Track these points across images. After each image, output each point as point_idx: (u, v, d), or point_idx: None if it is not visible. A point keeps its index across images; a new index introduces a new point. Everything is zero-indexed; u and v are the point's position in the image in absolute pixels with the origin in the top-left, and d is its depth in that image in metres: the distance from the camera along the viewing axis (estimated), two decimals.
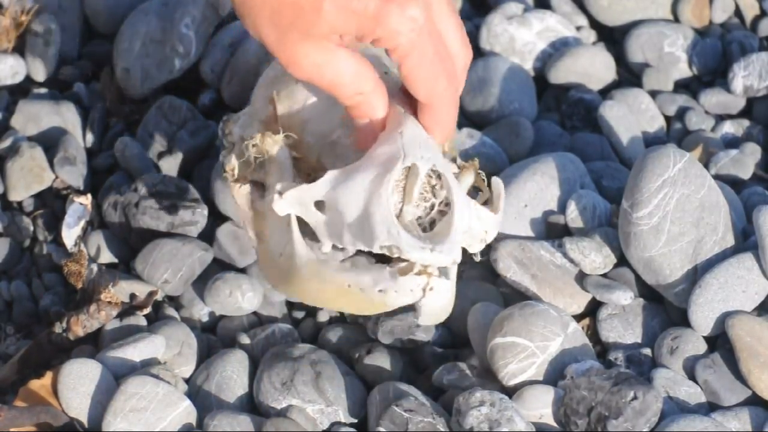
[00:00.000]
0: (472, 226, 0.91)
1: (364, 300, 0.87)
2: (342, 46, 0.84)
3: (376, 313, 0.92)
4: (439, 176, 0.88)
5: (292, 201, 0.88)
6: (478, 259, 0.95)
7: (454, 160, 0.93)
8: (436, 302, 0.87)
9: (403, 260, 0.87)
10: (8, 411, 0.98)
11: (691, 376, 1.01)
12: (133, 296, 1.07)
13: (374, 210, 0.85)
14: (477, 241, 0.92)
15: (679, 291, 1.04)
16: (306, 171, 0.93)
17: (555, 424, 0.97)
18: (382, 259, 0.89)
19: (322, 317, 1.10)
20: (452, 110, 0.89)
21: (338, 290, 0.88)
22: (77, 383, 1.00)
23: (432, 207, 0.89)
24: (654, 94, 1.26)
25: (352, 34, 0.83)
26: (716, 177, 1.13)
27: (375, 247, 0.86)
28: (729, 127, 1.24)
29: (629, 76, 1.30)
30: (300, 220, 0.89)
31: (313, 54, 0.83)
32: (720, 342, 1.03)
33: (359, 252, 0.89)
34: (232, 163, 0.94)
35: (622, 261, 1.07)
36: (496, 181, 0.93)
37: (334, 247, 0.89)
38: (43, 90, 1.26)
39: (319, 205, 0.88)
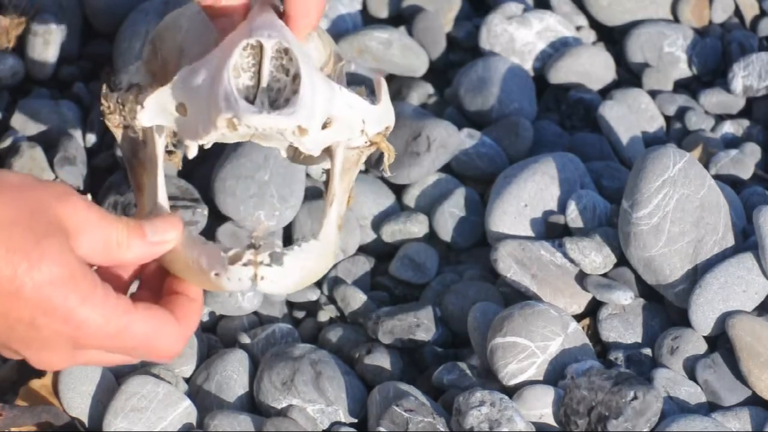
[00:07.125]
0: (346, 115, 0.88)
1: (204, 280, 0.84)
2: None
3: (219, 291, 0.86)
4: (286, 51, 0.85)
5: (155, 109, 0.84)
6: (387, 174, 0.95)
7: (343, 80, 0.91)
8: (275, 288, 0.84)
9: (246, 246, 0.83)
10: (9, 410, 0.98)
11: (691, 376, 1.01)
12: None
13: (216, 87, 0.83)
14: (356, 133, 0.89)
15: (679, 291, 1.04)
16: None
17: (555, 424, 0.97)
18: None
19: (323, 317, 1.10)
20: None
21: (184, 264, 0.84)
22: (78, 383, 1.00)
23: (285, 86, 0.86)
24: (654, 94, 1.26)
25: None
26: (716, 177, 1.14)
27: (220, 122, 0.82)
28: (729, 127, 1.24)
29: (629, 76, 1.30)
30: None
31: None
32: (720, 342, 1.03)
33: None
34: (111, 107, 0.89)
35: (622, 261, 1.07)
36: (375, 77, 0.92)
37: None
38: (43, 90, 1.26)
39: (181, 107, 0.85)
